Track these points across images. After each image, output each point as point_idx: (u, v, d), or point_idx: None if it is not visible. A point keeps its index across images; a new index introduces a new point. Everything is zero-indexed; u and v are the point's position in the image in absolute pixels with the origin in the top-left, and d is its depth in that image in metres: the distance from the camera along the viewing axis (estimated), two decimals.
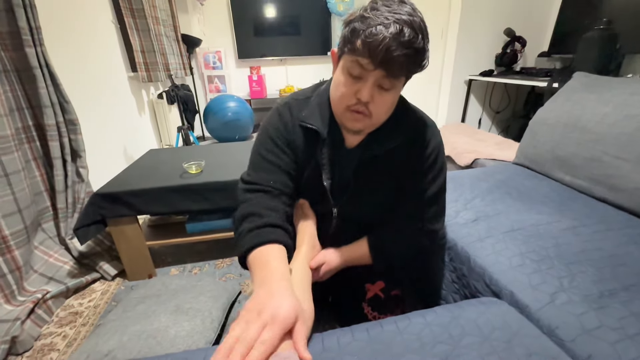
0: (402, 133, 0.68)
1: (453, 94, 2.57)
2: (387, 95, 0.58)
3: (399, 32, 0.50)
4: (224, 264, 1.46)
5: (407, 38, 0.51)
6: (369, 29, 0.51)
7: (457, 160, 1.74)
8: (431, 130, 0.71)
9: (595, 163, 1.05)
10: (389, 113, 0.63)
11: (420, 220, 0.73)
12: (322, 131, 0.67)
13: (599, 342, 0.56)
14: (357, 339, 0.53)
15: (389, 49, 0.51)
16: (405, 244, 0.76)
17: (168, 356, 0.55)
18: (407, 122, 0.69)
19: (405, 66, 0.54)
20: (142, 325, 0.97)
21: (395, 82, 0.57)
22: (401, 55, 0.51)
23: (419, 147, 0.69)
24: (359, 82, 0.57)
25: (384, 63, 0.52)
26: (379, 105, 0.59)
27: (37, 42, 1.18)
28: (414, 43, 0.51)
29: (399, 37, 0.50)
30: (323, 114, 0.69)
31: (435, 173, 0.71)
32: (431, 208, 0.74)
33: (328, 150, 0.69)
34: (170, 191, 1.24)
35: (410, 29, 0.51)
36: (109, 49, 2.08)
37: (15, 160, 1.12)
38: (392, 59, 0.52)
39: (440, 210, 0.77)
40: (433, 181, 0.71)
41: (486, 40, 2.42)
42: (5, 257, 1.08)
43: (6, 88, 1.13)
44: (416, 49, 0.52)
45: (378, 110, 0.60)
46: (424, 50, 0.54)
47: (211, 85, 3.61)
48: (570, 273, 0.71)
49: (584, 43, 1.65)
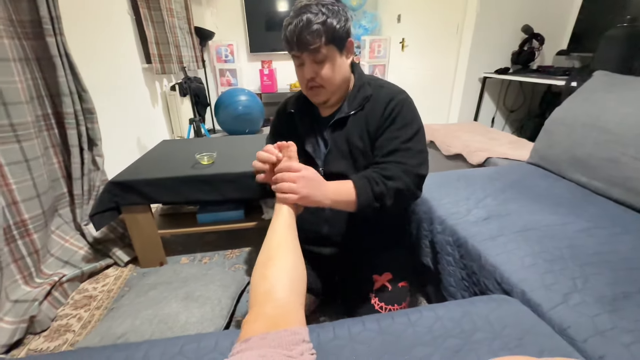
0: (362, 99, 0.80)
1: (466, 92, 2.53)
2: (324, 66, 0.74)
3: (300, 20, 0.69)
4: (234, 254, 1.48)
5: (305, 22, 0.68)
6: (284, 32, 0.73)
7: (469, 158, 1.72)
8: (392, 93, 0.80)
9: (613, 164, 1.03)
10: (337, 77, 0.77)
11: (402, 163, 0.75)
12: (295, 109, 0.89)
13: (612, 344, 0.55)
14: (367, 329, 0.53)
15: (297, 36, 0.70)
16: (387, 175, 0.73)
17: (181, 338, 0.57)
18: (367, 90, 0.82)
19: (316, 40, 0.70)
20: (153, 310, 1.00)
21: (323, 55, 0.73)
22: (305, 36, 0.69)
23: (380, 105, 0.79)
24: (302, 67, 0.76)
25: (300, 47, 0.71)
26: (324, 75, 0.75)
27: (57, 32, 1.21)
28: (312, 22, 0.68)
29: (300, 22, 0.69)
30: (300, 98, 0.90)
31: (400, 124, 0.77)
32: (402, 153, 0.76)
33: (307, 123, 0.88)
34: (182, 181, 1.26)
35: (309, 12, 0.69)
36: (125, 40, 2.11)
37: (34, 147, 1.15)
38: (302, 41, 0.70)
39: (419, 158, 0.77)
40: (400, 131, 0.77)
41: (503, 37, 2.37)
42: (24, 240, 1.12)
43: (27, 76, 1.16)
44: (316, 24, 0.68)
45: (325, 79, 0.76)
46: (326, 22, 0.69)
47: (223, 78, 3.63)
48: (584, 274, 0.70)
49: (605, 41, 1.60)
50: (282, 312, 0.46)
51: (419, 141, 0.78)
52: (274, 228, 0.61)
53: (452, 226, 0.94)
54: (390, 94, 0.79)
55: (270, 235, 0.59)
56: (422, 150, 0.78)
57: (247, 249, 1.51)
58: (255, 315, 0.46)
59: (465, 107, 2.59)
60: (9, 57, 1.06)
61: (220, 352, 0.54)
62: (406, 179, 0.74)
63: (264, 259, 0.55)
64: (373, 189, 0.72)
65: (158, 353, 0.53)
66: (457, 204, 1.04)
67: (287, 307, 0.47)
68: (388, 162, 0.76)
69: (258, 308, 0.47)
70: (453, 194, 1.11)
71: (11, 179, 1.08)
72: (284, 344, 0.41)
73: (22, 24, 1.15)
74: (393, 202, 0.73)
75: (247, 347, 0.41)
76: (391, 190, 0.72)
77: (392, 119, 0.77)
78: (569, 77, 1.78)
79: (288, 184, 0.63)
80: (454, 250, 0.93)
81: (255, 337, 0.42)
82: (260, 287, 0.50)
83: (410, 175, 0.74)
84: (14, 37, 1.11)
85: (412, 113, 0.80)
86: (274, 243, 0.57)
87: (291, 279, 0.52)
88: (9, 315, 1.01)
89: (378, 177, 0.73)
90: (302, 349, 0.42)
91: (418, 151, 0.77)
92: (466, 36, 2.40)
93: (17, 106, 1.08)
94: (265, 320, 0.44)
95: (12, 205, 1.08)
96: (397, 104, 0.78)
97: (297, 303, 0.49)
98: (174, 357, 0.52)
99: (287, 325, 0.44)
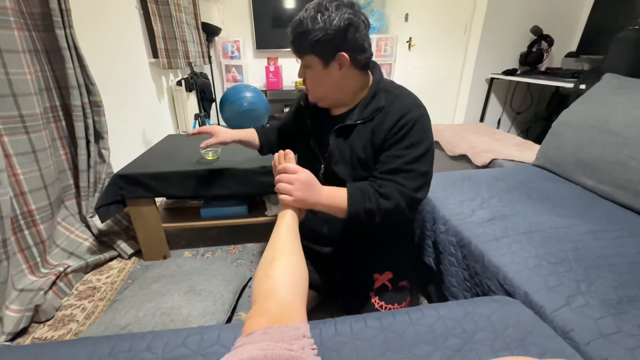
0: (372, 109, 0.78)
1: (473, 92, 2.51)
2: (309, 71, 0.77)
3: (295, 21, 0.71)
4: (236, 250, 1.49)
5: (294, 26, 0.71)
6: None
7: (474, 159, 1.71)
8: (407, 107, 0.76)
9: (621, 168, 1.02)
10: (321, 88, 0.79)
11: (400, 183, 0.73)
12: (306, 104, 0.90)
13: (616, 347, 0.55)
14: (369, 326, 0.54)
15: (289, 34, 0.74)
16: (382, 193, 0.73)
17: (185, 330, 0.57)
18: (380, 100, 0.79)
19: (297, 46, 0.74)
20: (156, 303, 1.01)
21: (306, 61, 0.75)
22: (291, 40, 0.74)
23: (390, 120, 0.75)
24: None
25: (291, 45, 0.75)
26: (307, 80, 0.79)
27: (67, 24, 1.22)
28: (297, 28, 0.71)
29: (294, 24, 0.72)
30: None
31: (408, 143, 0.73)
32: (403, 174, 0.73)
33: (316, 119, 0.88)
34: (187, 176, 1.27)
35: (302, 17, 0.70)
36: (132, 34, 2.12)
37: (42, 138, 1.16)
38: (290, 43, 0.75)
39: (419, 181, 0.74)
40: (406, 151, 0.74)
41: (511, 37, 2.34)
42: (31, 230, 1.13)
43: (36, 68, 1.17)
44: (298, 32, 0.71)
45: (308, 85, 0.80)
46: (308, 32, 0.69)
47: (228, 74, 3.63)
48: (588, 277, 0.70)
49: (616, 44, 1.57)
50: (285, 308, 0.47)
51: (424, 163, 0.75)
52: (278, 230, 0.63)
53: (456, 226, 0.94)
54: (404, 109, 0.75)
55: (275, 237, 0.62)
56: (425, 172, 0.75)
57: (250, 245, 1.52)
58: (258, 311, 0.47)
59: (471, 108, 2.57)
60: (19, 48, 1.07)
61: (223, 344, 0.54)
62: (401, 201, 0.72)
63: (268, 258, 0.57)
64: (365, 204, 0.71)
65: (161, 344, 0.54)
66: (461, 204, 1.04)
67: (289, 304, 0.49)
68: (387, 179, 0.74)
69: (261, 304, 0.48)
70: (457, 194, 1.10)
71: (19, 169, 1.09)
72: (286, 339, 0.42)
73: (33, 16, 1.16)
74: (382, 221, 0.73)
75: (249, 340, 0.41)
76: (382, 210, 0.72)
77: (400, 137, 0.73)
78: (578, 80, 1.76)
79: (284, 185, 0.66)
80: (457, 251, 0.92)
81: (258, 331, 0.42)
82: (263, 285, 0.52)
83: (406, 198, 0.72)
84: (24, 28, 1.12)
85: (423, 132, 0.75)
86: (279, 244, 0.60)
87: (293, 278, 0.53)
88: (15, 304, 1.02)
89: (373, 194, 0.72)
90: (303, 343, 0.42)
91: (421, 173, 0.74)
92: (474, 36, 2.38)
93: (26, 97, 1.09)
94: (268, 315, 0.46)
95: (19, 196, 1.10)
96: (408, 120, 0.73)
97: (298, 301, 0.50)
98: (177, 348, 0.53)
99: (289, 321, 0.45)
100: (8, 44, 1.04)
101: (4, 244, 0.96)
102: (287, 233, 0.63)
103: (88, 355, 0.52)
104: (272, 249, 0.59)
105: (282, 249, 0.59)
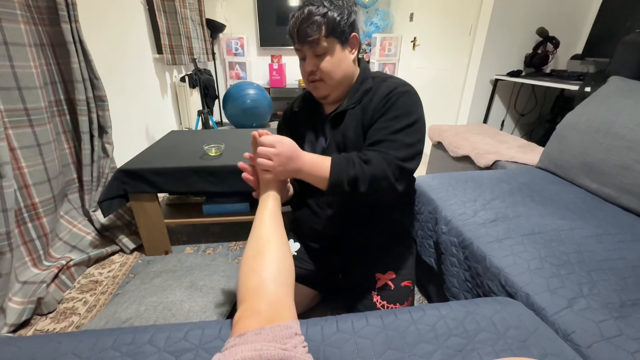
0: (363, 92, 0.79)
1: (477, 93, 2.50)
2: (324, 59, 0.74)
3: (301, 12, 0.70)
4: (237, 246, 1.49)
5: (306, 14, 0.69)
6: (289, 25, 0.73)
7: (477, 160, 1.70)
8: (394, 85, 0.76)
9: (626, 171, 1.01)
10: (340, 71, 0.77)
11: (386, 152, 0.70)
12: (300, 109, 0.90)
13: (618, 351, 0.54)
14: (371, 324, 0.54)
15: (299, 29, 0.70)
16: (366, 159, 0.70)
17: (186, 324, 0.58)
18: (368, 83, 0.80)
19: (315, 32, 0.70)
20: (158, 297, 1.01)
21: (323, 48, 0.72)
22: (305, 28, 0.69)
23: (379, 98, 0.76)
24: (304, 61, 0.77)
25: (301, 39, 0.72)
26: (324, 68, 0.75)
27: (73, 18, 1.22)
28: (313, 14, 0.69)
29: (302, 15, 0.70)
30: (306, 97, 0.91)
31: (392, 115, 0.73)
32: (387, 144, 0.71)
33: (310, 121, 0.88)
34: (190, 172, 1.27)
35: (311, 4, 0.70)
36: (137, 30, 2.13)
37: (47, 132, 1.17)
38: (302, 33, 0.70)
39: (405, 152, 0.71)
40: (390, 122, 0.73)
41: (516, 39, 2.33)
42: (34, 223, 1.14)
43: (42, 62, 1.18)
44: (319, 15, 0.69)
45: (325, 73, 0.75)
46: (326, 14, 0.69)
47: (232, 71, 3.64)
48: (591, 280, 0.69)
49: (623, 46, 1.56)
50: (275, 307, 0.47)
51: (411, 134, 0.72)
52: (261, 218, 0.61)
53: (458, 227, 0.94)
54: (391, 87, 0.75)
55: (258, 226, 0.59)
56: (411, 143, 0.71)
57: None
58: (249, 312, 0.46)
59: (475, 109, 2.56)
60: (25, 42, 1.07)
61: (223, 339, 0.54)
62: (386, 168, 0.68)
63: (253, 252, 0.55)
64: (348, 171, 0.67)
65: (163, 337, 0.54)
66: (463, 205, 1.03)
67: (279, 301, 0.48)
68: (372, 150, 0.71)
69: (250, 304, 0.47)
70: (460, 195, 1.10)
71: (23, 163, 1.09)
72: (278, 338, 0.42)
73: (39, 9, 1.17)
74: (367, 188, 0.68)
75: (242, 341, 0.41)
76: (367, 175, 0.67)
77: (385, 109, 0.74)
78: (583, 82, 1.75)
79: (264, 161, 0.64)
80: (458, 251, 0.92)
81: (251, 331, 0.42)
82: (250, 281, 0.50)
83: (392, 166, 0.69)
84: (30, 22, 1.12)
85: (410, 104, 0.74)
86: (263, 234, 0.58)
87: (281, 271, 0.52)
88: (18, 296, 1.03)
89: (357, 159, 0.69)
90: (295, 342, 0.43)
91: (406, 144, 0.71)
92: (479, 37, 2.36)
93: (31, 91, 1.10)
94: (259, 316, 0.45)
95: (23, 189, 1.10)
96: (393, 95, 0.74)
97: (287, 296, 0.50)
98: (179, 342, 0.53)
99: (280, 320, 0.45)
100: (14, 37, 1.04)
101: (8, 236, 0.97)
102: (270, 220, 0.60)
103: (90, 347, 0.52)
104: (256, 240, 0.56)
105: (267, 239, 0.56)
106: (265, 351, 0.39)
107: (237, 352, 0.39)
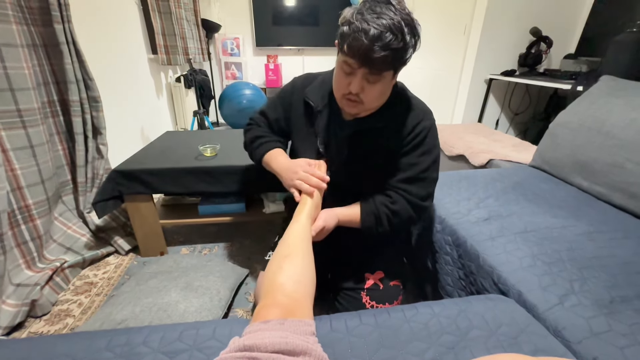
0: (392, 114, 0.77)
1: (472, 93, 2.51)
2: (375, 86, 0.68)
3: (378, 37, 0.58)
4: (234, 247, 1.49)
5: (385, 41, 0.59)
6: (353, 34, 0.60)
7: (472, 159, 1.72)
8: (421, 114, 0.78)
9: (617, 169, 1.03)
10: (381, 99, 0.73)
11: (412, 193, 0.79)
12: (317, 105, 0.83)
13: (607, 346, 0.55)
14: (364, 323, 0.54)
15: (369, 52, 0.60)
16: (394, 211, 0.79)
17: (181, 325, 0.58)
18: (398, 106, 0.78)
19: (386, 64, 0.62)
20: (153, 299, 1.01)
21: (380, 76, 0.66)
22: (380, 57, 0.60)
23: (406, 128, 0.77)
24: (350, 76, 0.67)
25: (366, 63, 0.62)
26: (369, 94, 0.69)
27: (65, 19, 1.21)
28: (391, 45, 0.59)
29: (378, 40, 0.59)
30: (324, 89, 0.83)
31: (422, 151, 0.78)
32: (418, 184, 0.79)
33: (325, 120, 0.83)
34: (185, 172, 1.27)
35: (390, 31, 0.59)
36: (131, 30, 2.11)
37: (40, 133, 1.16)
38: (372, 60, 0.61)
39: (431, 188, 0.82)
40: (420, 158, 0.78)
41: (510, 38, 2.35)
42: (27, 225, 1.13)
43: (34, 62, 1.17)
44: (395, 49, 0.60)
45: (368, 99, 0.70)
46: (404, 49, 0.62)
47: (228, 71, 3.63)
48: (582, 277, 0.71)
49: (615, 46, 1.58)
50: (296, 303, 0.50)
51: (436, 169, 0.81)
52: (292, 228, 0.67)
53: (452, 226, 0.95)
54: (418, 116, 0.78)
55: (289, 234, 0.65)
56: (436, 178, 0.82)
57: (247, 242, 1.52)
58: (272, 301, 0.50)
59: (469, 108, 2.58)
60: (17, 42, 1.07)
61: (218, 339, 0.54)
62: (412, 213, 0.79)
63: (283, 253, 0.59)
64: (377, 229, 0.79)
65: (158, 338, 0.54)
66: (457, 203, 1.04)
67: (300, 300, 0.51)
68: (402, 190, 0.79)
69: (274, 295, 0.51)
70: (454, 194, 1.11)
71: (16, 164, 1.09)
72: (300, 332, 0.44)
73: (31, 10, 1.16)
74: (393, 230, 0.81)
75: (267, 327, 0.44)
76: (394, 226, 0.80)
77: (415, 144, 0.77)
78: (576, 81, 1.77)
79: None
80: (452, 250, 0.93)
81: (274, 320, 0.45)
82: (277, 277, 0.54)
83: (416, 209, 0.79)
84: (23, 23, 1.11)
85: (434, 139, 0.80)
86: (293, 242, 0.63)
87: (305, 276, 0.56)
88: (12, 298, 1.02)
89: (384, 214, 0.78)
90: (314, 339, 0.45)
91: (432, 180, 0.81)
92: (473, 37, 2.38)
93: (24, 92, 1.09)
94: (281, 307, 0.48)
95: (16, 190, 1.09)
96: (423, 129, 0.77)
97: (307, 299, 0.53)
98: (173, 342, 0.53)
99: (299, 315, 0.48)
100: (6, 38, 1.03)
101: (1, 239, 0.96)
102: (301, 233, 0.66)
103: (85, 348, 0.52)
104: (286, 245, 0.62)
105: (296, 247, 0.62)
106: (291, 340, 0.41)
107: (265, 337, 0.41)
